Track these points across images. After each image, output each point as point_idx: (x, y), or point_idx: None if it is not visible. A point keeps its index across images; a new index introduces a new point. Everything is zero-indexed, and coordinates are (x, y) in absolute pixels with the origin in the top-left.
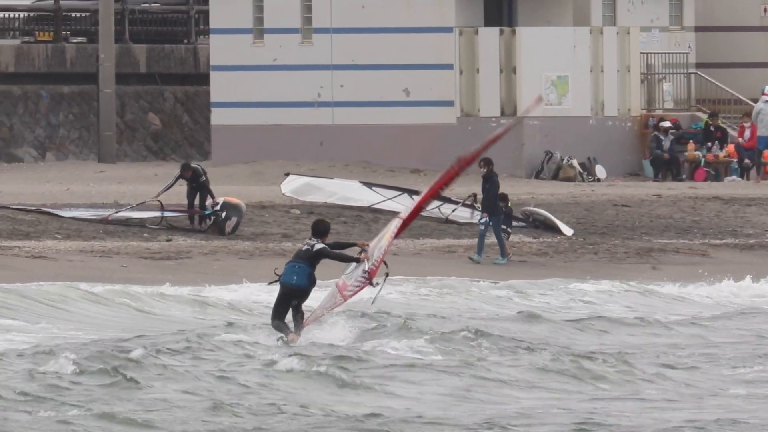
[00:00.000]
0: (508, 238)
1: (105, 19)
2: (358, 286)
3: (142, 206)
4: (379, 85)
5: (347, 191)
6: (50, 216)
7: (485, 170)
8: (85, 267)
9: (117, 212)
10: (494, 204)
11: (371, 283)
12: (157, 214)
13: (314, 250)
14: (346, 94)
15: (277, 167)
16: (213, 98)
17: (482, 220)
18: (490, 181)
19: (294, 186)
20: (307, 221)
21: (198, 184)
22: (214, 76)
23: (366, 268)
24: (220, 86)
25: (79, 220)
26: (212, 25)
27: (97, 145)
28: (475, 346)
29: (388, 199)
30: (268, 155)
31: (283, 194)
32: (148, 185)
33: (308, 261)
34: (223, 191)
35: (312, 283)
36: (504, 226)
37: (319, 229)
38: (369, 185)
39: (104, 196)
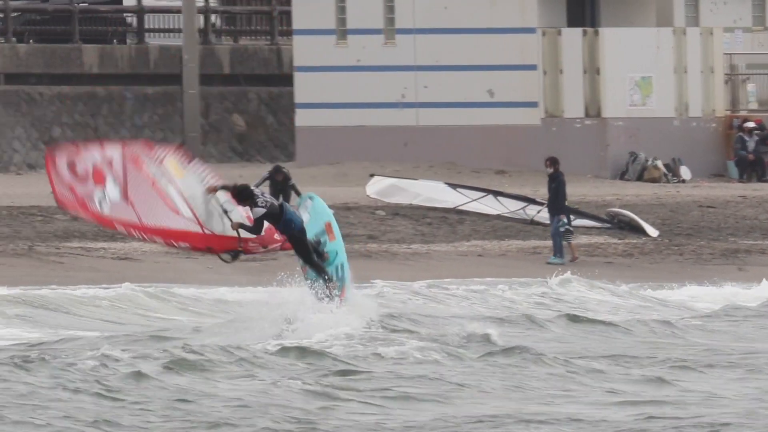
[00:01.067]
0: (569, 237)
1: (188, 19)
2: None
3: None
4: (462, 86)
5: (432, 192)
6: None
7: (551, 169)
8: (170, 269)
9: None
10: (560, 203)
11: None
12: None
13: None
14: (430, 95)
15: (361, 168)
16: (297, 99)
17: (559, 222)
18: (556, 181)
19: (379, 187)
20: (393, 222)
21: (285, 187)
22: (297, 77)
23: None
24: (304, 87)
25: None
26: (295, 25)
27: (181, 144)
28: None
29: (473, 201)
30: (353, 156)
31: (367, 196)
32: None
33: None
34: (307, 192)
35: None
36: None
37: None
38: (454, 186)
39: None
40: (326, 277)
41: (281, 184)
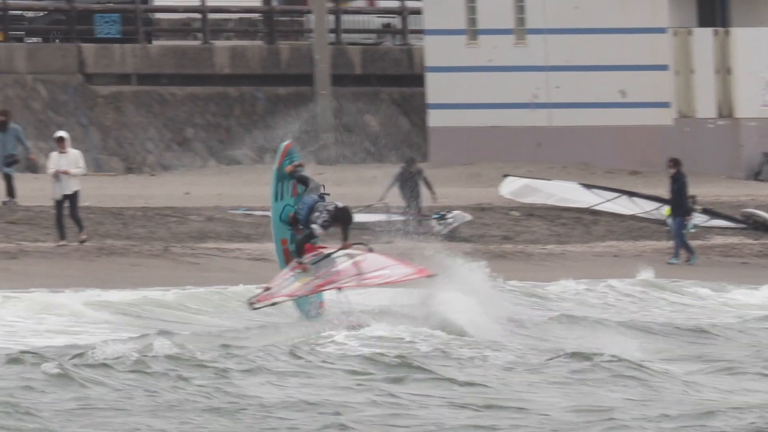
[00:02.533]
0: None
1: (319, 20)
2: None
3: (368, 209)
4: (594, 86)
5: (566, 193)
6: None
7: (674, 170)
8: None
9: None
10: (682, 204)
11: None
12: (383, 217)
13: (309, 224)
14: (563, 95)
15: (494, 169)
16: (429, 99)
17: (687, 223)
18: (678, 182)
19: (513, 188)
20: (527, 223)
21: (417, 178)
22: (429, 77)
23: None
24: (436, 87)
25: None
26: (426, 26)
27: (314, 147)
28: None
29: (607, 201)
30: (486, 157)
31: (501, 196)
32: (367, 187)
33: (310, 211)
34: (442, 193)
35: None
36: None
37: (336, 216)
38: (588, 187)
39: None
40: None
41: (414, 175)
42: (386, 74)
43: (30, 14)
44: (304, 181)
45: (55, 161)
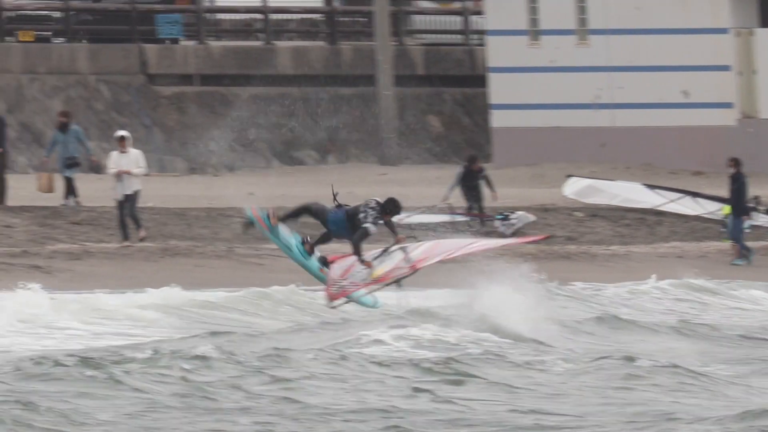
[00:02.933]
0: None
1: (380, 20)
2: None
3: (432, 210)
4: (657, 86)
5: (630, 193)
6: None
7: (734, 170)
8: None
9: (408, 216)
10: (742, 204)
11: (331, 302)
12: (447, 217)
13: (361, 224)
14: (626, 95)
15: (557, 170)
16: (492, 100)
17: (742, 224)
18: (738, 182)
19: (576, 188)
20: (591, 224)
21: (478, 177)
22: (492, 77)
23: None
24: (498, 88)
25: None
26: (488, 26)
27: (377, 147)
28: None
29: (671, 201)
30: (549, 157)
31: (565, 196)
32: (430, 188)
33: (350, 219)
34: (505, 194)
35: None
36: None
37: (388, 208)
38: (652, 187)
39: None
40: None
41: (475, 174)
42: (449, 75)
43: (57, 14)
44: (296, 214)
45: (115, 161)
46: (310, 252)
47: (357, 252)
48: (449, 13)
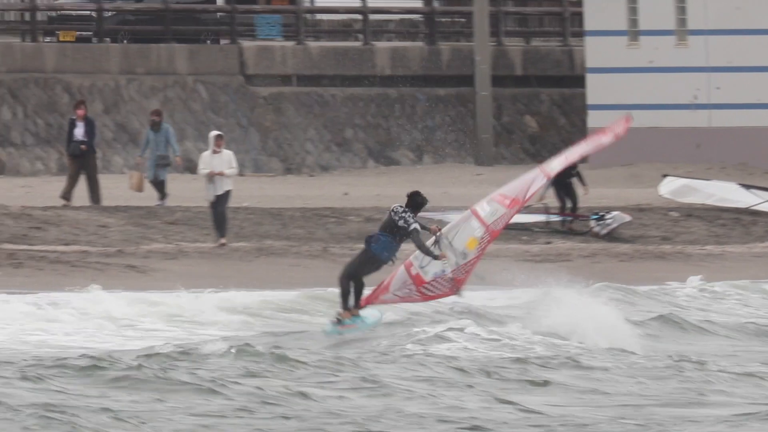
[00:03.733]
0: None
1: (480, 20)
2: (442, 292)
3: (527, 210)
4: (755, 87)
5: (725, 193)
6: (426, 219)
7: None
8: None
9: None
10: None
11: (458, 293)
12: (542, 218)
13: (409, 228)
14: (723, 96)
15: (653, 170)
16: (589, 100)
17: None
18: None
19: (672, 188)
20: (686, 224)
21: (569, 174)
22: (590, 78)
23: (449, 274)
24: (596, 88)
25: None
26: (587, 27)
27: (473, 147)
28: None
29: (766, 201)
30: (645, 157)
31: (660, 196)
32: None
33: (392, 234)
34: (601, 194)
35: (390, 255)
36: None
37: (418, 203)
38: (747, 187)
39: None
40: None
41: (567, 171)
42: (546, 75)
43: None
44: (356, 291)
45: (206, 162)
46: (358, 310)
47: (429, 252)
48: (548, 14)
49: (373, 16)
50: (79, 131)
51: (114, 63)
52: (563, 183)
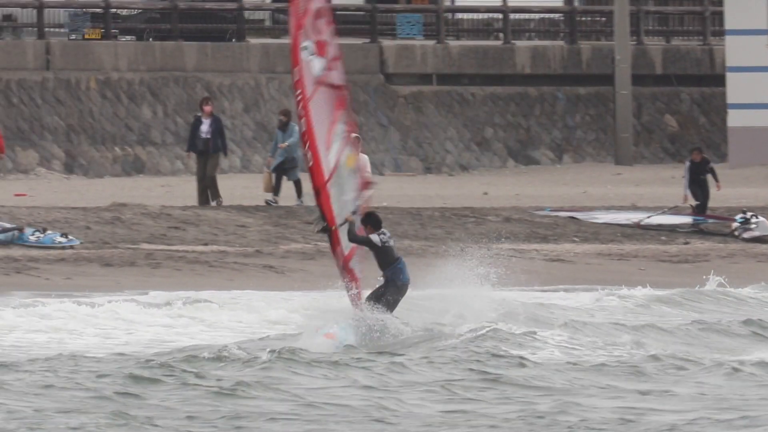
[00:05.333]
0: None
1: (620, 19)
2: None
3: (673, 211)
4: None
5: None
6: (571, 219)
7: None
8: (603, 270)
9: (649, 217)
10: None
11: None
12: (688, 220)
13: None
14: None
15: None
16: (729, 99)
17: None
18: None
19: None
20: None
21: (703, 169)
22: (730, 77)
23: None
24: (736, 87)
25: (610, 224)
26: (727, 26)
27: (613, 147)
28: None
29: None
30: None
31: None
32: (665, 188)
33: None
34: (739, 193)
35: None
36: None
37: (379, 220)
38: None
39: (621, 199)
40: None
41: (700, 167)
42: (687, 74)
43: (125, 12)
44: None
45: None
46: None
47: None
48: (689, 13)
49: (513, 15)
50: (205, 128)
51: (254, 62)
52: (697, 180)
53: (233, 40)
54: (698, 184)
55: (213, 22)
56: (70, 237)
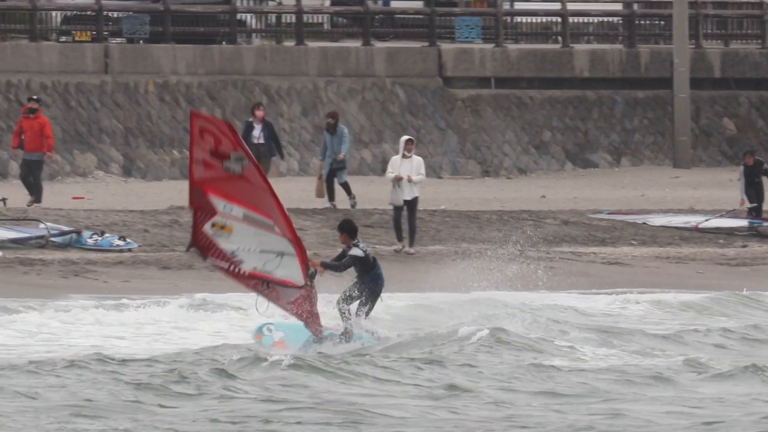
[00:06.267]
0: None
1: (679, 23)
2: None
3: (731, 214)
4: None
5: None
6: (626, 223)
7: None
8: (660, 273)
9: (707, 220)
10: None
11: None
12: (745, 223)
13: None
14: None
15: None
16: None
17: None
18: None
19: None
20: None
21: (758, 172)
22: None
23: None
24: None
25: (668, 227)
26: None
27: (671, 150)
28: None
29: None
30: None
31: None
32: (722, 191)
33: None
34: None
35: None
36: None
37: (355, 228)
38: None
39: (679, 202)
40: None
41: (754, 170)
42: (745, 77)
43: (116, 14)
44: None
45: (395, 166)
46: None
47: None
48: (747, 17)
49: (572, 19)
50: (256, 133)
51: (312, 65)
52: (752, 182)
53: (223, 42)
54: (753, 187)
55: (207, 25)
56: (128, 240)
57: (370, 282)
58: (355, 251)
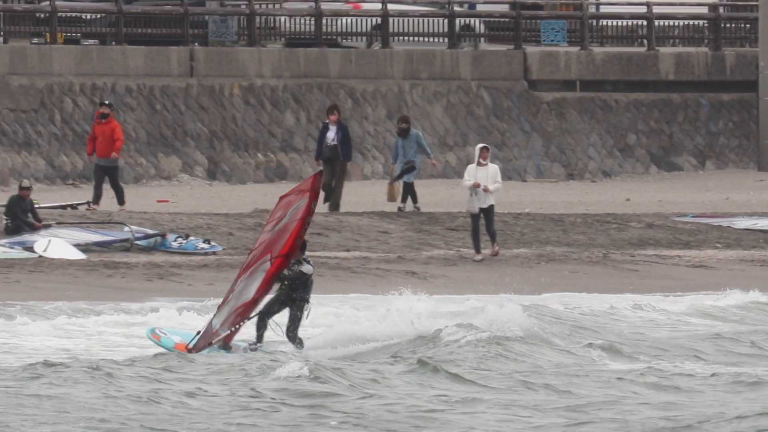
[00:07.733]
0: None
1: (765, 26)
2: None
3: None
4: None
5: None
6: (711, 226)
7: None
8: (745, 276)
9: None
10: None
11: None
12: None
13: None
14: None
15: None
16: None
17: None
18: None
19: None
20: None
21: None
22: None
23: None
24: None
25: (752, 231)
26: None
27: (756, 153)
28: None
29: None
30: None
31: None
32: None
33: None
34: None
35: None
36: None
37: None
38: None
39: (764, 205)
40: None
41: None
42: None
43: (88, 16)
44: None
45: (471, 173)
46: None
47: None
48: None
49: (658, 22)
50: (331, 135)
51: (397, 68)
52: None
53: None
54: None
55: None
56: (213, 243)
57: (302, 292)
58: (306, 268)
